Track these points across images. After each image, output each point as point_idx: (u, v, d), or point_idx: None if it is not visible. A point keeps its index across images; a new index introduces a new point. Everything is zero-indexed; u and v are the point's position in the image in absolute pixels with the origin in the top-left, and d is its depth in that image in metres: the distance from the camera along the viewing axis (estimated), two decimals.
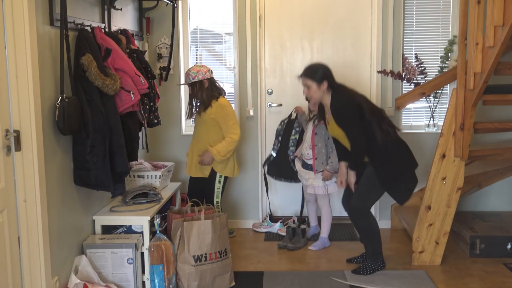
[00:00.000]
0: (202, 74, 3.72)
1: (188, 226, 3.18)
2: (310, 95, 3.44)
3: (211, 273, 3.21)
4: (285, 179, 4.20)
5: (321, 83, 3.37)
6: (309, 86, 3.41)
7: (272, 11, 4.47)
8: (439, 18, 4.36)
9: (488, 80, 3.16)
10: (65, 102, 2.60)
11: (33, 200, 2.50)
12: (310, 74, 3.42)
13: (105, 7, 3.31)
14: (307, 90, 3.43)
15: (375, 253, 3.56)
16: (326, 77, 3.39)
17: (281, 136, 4.17)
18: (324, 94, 3.42)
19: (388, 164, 3.39)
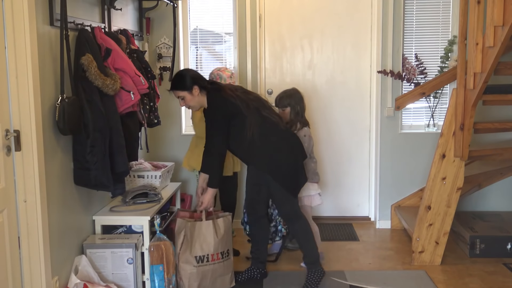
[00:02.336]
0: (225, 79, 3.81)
1: (192, 226, 3.19)
2: (187, 105, 3.24)
3: (212, 273, 3.22)
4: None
5: (192, 90, 3.18)
6: (182, 97, 3.22)
7: (272, 11, 4.47)
8: (439, 18, 4.36)
9: (488, 80, 3.16)
10: (65, 102, 2.60)
11: (33, 200, 2.50)
12: (178, 85, 3.23)
13: (105, 7, 3.31)
14: (183, 102, 3.24)
15: (314, 261, 3.37)
16: (195, 81, 3.20)
17: None
18: (201, 98, 3.23)
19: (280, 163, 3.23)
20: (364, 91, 4.55)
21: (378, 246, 4.10)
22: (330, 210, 4.68)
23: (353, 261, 3.79)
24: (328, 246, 4.05)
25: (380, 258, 3.85)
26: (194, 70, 3.31)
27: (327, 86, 4.55)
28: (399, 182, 4.48)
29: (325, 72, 4.55)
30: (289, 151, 3.25)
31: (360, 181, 4.66)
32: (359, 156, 4.63)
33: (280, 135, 3.23)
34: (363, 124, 4.59)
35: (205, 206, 3.26)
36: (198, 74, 3.29)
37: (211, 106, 3.22)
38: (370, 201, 4.66)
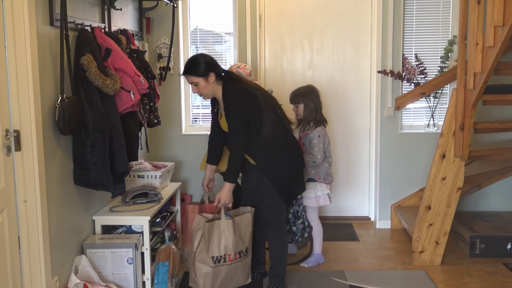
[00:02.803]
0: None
1: (210, 226, 3.05)
2: (200, 92, 3.05)
3: (228, 273, 3.10)
4: None
5: (208, 76, 3.01)
6: (196, 83, 3.02)
7: (272, 11, 4.47)
8: (439, 18, 4.36)
9: (488, 80, 3.16)
10: (65, 102, 2.60)
11: (33, 200, 2.50)
12: (193, 70, 3.03)
13: (105, 7, 3.31)
14: (196, 88, 3.05)
15: (279, 276, 3.29)
16: (211, 67, 3.02)
17: None
18: (215, 87, 3.06)
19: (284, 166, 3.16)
20: (364, 91, 4.55)
21: (378, 246, 4.10)
22: (330, 210, 4.68)
23: (353, 261, 3.79)
24: (328, 246, 4.05)
25: (380, 258, 3.85)
26: (210, 56, 3.10)
27: (327, 86, 4.55)
28: (399, 182, 4.48)
29: (325, 72, 4.55)
30: (291, 157, 3.20)
31: (360, 181, 4.67)
32: (359, 156, 4.63)
33: (287, 139, 3.19)
34: (363, 124, 4.59)
35: (223, 203, 3.08)
36: (215, 60, 3.10)
37: (233, 96, 3.04)
38: (370, 201, 4.66)
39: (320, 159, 3.51)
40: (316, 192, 3.58)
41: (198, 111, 4.68)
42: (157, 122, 3.62)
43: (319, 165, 3.55)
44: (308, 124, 3.55)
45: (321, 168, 3.57)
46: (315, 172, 3.57)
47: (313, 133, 3.52)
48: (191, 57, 3.15)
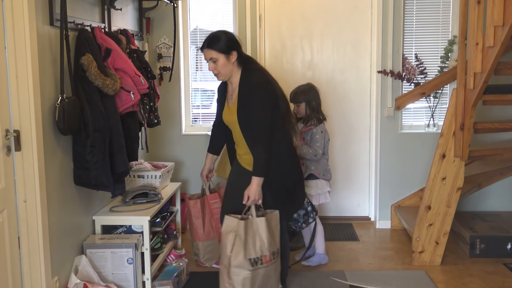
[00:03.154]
0: None
1: (245, 225, 2.78)
2: (218, 70, 2.80)
3: (264, 277, 2.84)
4: None
5: (230, 54, 2.77)
6: (215, 59, 2.77)
7: (272, 11, 4.47)
8: (439, 18, 4.36)
9: (488, 80, 3.16)
10: (65, 102, 2.60)
11: (33, 200, 2.50)
12: (215, 44, 2.79)
13: (105, 7, 3.31)
14: (214, 65, 2.79)
15: (282, 279, 3.11)
16: (235, 46, 2.81)
17: None
18: (234, 68, 2.83)
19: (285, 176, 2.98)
20: (364, 91, 4.55)
21: (378, 246, 4.10)
22: (330, 210, 4.68)
23: (353, 261, 3.79)
24: (328, 246, 4.05)
25: (380, 258, 3.85)
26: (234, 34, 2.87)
27: (327, 86, 4.55)
28: (399, 182, 4.48)
29: (325, 72, 4.55)
30: (294, 167, 3.07)
31: (360, 181, 4.66)
32: (359, 156, 4.63)
33: (290, 146, 3.02)
34: (363, 124, 4.59)
35: (253, 200, 2.81)
36: (240, 42, 2.87)
37: (259, 86, 2.79)
38: (370, 201, 4.66)
39: (320, 154, 3.52)
40: (317, 190, 3.57)
41: (198, 111, 4.68)
42: (157, 122, 3.62)
43: (318, 161, 3.56)
44: (311, 120, 3.56)
45: (321, 164, 3.58)
46: (315, 168, 3.56)
47: (316, 129, 3.53)
48: (215, 32, 2.89)
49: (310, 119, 3.56)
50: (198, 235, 3.54)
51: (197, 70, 4.61)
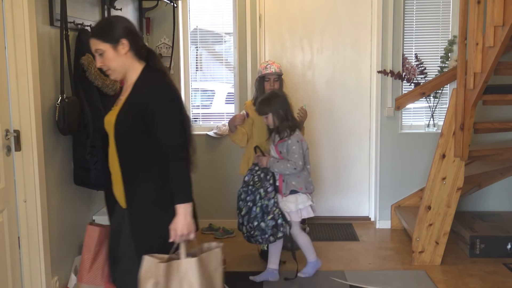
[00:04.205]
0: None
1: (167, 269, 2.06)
2: (106, 65, 2.15)
3: None
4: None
5: (118, 44, 2.11)
6: (101, 51, 2.12)
7: (272, 11, 4.47)
8: (439, 18, 4.36)
9: (488, 80, 3.16)
10: (65, 102, 2.60)
11: (33, 200, 2.50)
12: (100, 31, 2.14)
13: (105, 7, 3.31)
14: (100, 59, 2.14)
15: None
16: (125, 33, 2.13)
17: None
18: (128, 62, 2.16)
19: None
20: (364, 91, 4.55)
21: (378, 246, 4.10)
22: (330, 210, 4.68)
23: (353, 261, 3.79)
24: (328, 246, 4.05)
25: (380, 258, 3.85)
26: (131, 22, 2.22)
27: (327, 86, 4.55)
28: (399, 182, 4.48)
29: (325, 72, 4.55)
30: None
31: (360, 181, 4.66)
32: (359, 156, 4.63)
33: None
34: (363, 124, 4.59)
35: (181, 234, 2.10)
36: (134, 28, 2.20)
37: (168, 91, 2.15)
38: (370, 201, 4.66)
39: (301, 166, 3.23)
40: (298, 205, 3.29)
41: (198, 111, 4.68)
42: None
43: (299, 174, 3.29)
44: (284, 131, 3.27)
45: (301, 177, 3.30)
46: (296, 183, 3.28)
47: (291, 140, 3.25)
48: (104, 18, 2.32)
49: (283, 130, 3.27)
50: (81, 273, 2.64)
51: (197, 70, 4.61)
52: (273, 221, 3.26)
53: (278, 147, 3.30)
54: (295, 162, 3.21)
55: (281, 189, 3.28)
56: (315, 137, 4.52)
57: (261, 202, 3.28)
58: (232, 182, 4.47)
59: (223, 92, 4.66)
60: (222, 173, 4.48)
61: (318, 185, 4.23)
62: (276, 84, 3.55)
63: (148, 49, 2.23)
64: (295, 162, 3.21)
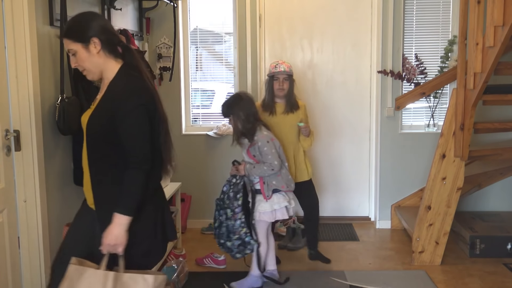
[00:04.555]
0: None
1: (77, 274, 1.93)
2: (80, 66, 2.05)
3: None
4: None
5: (89, 43, 2.00)
6: (73, 51, 2.02)
7: (272, 11, 4.47)
8: (439, 18, 4.36)
9: (488, 80, 3.16)
10: (65, 102, 2.60)
11: (33, 200, 2.50)
12: (70, 31, 2.04)
13: (105, 7, 3.31)
14: (74, 59, 2.05)
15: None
16: (96, 32, 2.01)
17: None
18: (101, 61, 2.05)
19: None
20: (364, 91, 4.55)
21: (378, 246, 4.10)
22: (330, 210, 4.68)
23: (353, 261, 3.79)
24: (328, 246, 4.05)
25: (380, 258, 3.85)
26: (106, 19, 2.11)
27: (327, 86, 4.55)
28: (399, 182, 4.48)
29: (325, 72, 4.55)
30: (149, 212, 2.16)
31: (360, 181, 4.66)
32: (359, 156, 4.63)
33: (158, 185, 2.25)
34: (363, 124, 4.59)
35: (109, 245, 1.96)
36: (107, 26, 2.09)
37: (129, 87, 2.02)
38: (370, 201, 4.66)
39: (278, 165, 3.15)
40: (273, 205, 3.21)
41: (198, 111, 4.68)
42: None
43: (279, 173, 3.21)
44: (250, 134, 3.20)
45: (281, 176, 3.22)
46: (277, 182, 3.21)
47: (261, 142, 3.16)
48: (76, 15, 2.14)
49: (248, 134, 3.20)
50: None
51: (197, 70, 4.61)
52: (239, 240, 3.21)
53: (251, 151, 3.23)
54: (271, 163, 3.15)
55: (264, 192, 3.20)
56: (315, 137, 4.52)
57: (227, 222, 3.21)
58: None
59: (223, 92, 4.66)
60: (222, 173, 4.48)
61: (318, 185, 4.23)
62: (285, 83, 3.45)
63: (125, 46, 2.12)
64: (271, 163, 3.15)
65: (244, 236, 3.20)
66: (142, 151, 2.00)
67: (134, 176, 1.98)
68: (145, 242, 2.07)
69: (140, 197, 1.98)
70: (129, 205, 1.97)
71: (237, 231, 3.19)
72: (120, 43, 2.10)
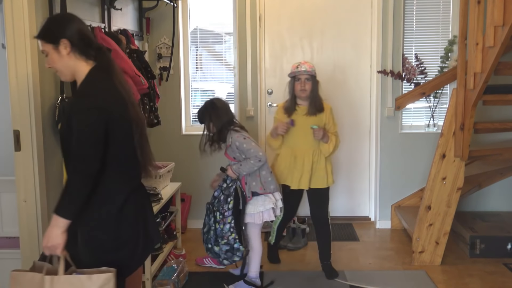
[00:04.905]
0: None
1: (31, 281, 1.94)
2: (51, 65, 2.04)
3: None
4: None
5: (58, 44, 1.98)
6: (46, 52, 2.02)
7: (272, 11, 4.47)
8: (439, 18, 4.36)
9: (488, 80, 3.16)
10: (65, 102, 2.60)
11: (33, 200, 2.50)
12: (41, 32, 2.03)
13: (105, 7, 3.31)
14: (47, 61, 2.05)
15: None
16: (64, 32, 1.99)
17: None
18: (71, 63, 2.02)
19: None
20: (364, 91, 4.55)
21: (378, 246, 4.10)
22: (330, 210, 4.66)
23: (353, 261, 3.79)
24: None
25: (380, 258, 3.85)
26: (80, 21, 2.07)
27: (327, 86, 4.52)
28: (399, 182, 4.48)
29: (325, 72, 4.55)
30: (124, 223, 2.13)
31: (360, 181, 4.66)
32: (359, 156, 4.63)
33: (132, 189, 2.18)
34: (363, 124, 4.59)
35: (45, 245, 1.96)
36: (78, 26, 2.04)
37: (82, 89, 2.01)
38: (370, 201, 4.66)
39: (263, 155, 3.09)
40: (258, 207, 3.16)
41: None
42: (157, 122, 3.62)
43: (258, 173, 3.15)
44: (222, 139, 3.18)
45: (261, 176, 3.16)
46: (256, 183, 3.15)
47: (237, 142, 3.12)
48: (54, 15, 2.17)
49: (221, 139, 3.18)
50: None
51: (197, 70, 4.61)
52: (227, 245, 3.14)
53: (229, 154, 3.20)
54: (255, 156, 3.07)
55: (246, 192, 3.16)
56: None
57: (215, 225, 3.15)
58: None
59: (223, 92, 4.66)
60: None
61: None
62: (307, 84, 3.30)
63: (98, 48, 2.08)
64: (255, 156, 3.07)
65: (233, 242, 3.12)
66: (84, 154, 1.93)
67: (73, 179, 1.94)
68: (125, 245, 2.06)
69: (80, 201, 1.94)
70: (66, 208, 1.94)
71: (225, 235, 3.12)
72: (92, 45, 2.06)
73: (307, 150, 3.35)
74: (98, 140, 1.94)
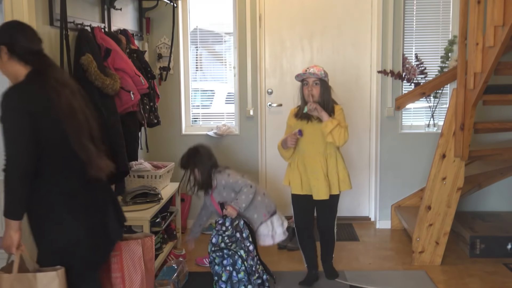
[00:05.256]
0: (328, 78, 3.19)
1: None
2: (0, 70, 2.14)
3: None
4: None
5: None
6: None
7: (272, 11, 4.47)
8: (439, 18, 4.36)
9: (488, 80, 3.16)
10: None
11: None
12: None
13: (105, 7, 3.31)
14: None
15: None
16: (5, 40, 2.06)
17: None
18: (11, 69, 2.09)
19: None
20: (364, 91, 4.55)
21: (378, 246, 4.10)
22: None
23: (353, 261, 3.79)
24: None
25: (380, 258, 3.85)
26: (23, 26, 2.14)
27: None
28: (399, 182, 4.48)
29: None
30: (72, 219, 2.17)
31: (360, 181, 4.66)
32: (359, 156, 4.63)
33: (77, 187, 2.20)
34: (363, 124, 4.59)
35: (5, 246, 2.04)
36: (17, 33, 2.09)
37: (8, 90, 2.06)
38: (370, 201, 4.66)
39: (251, 184, 3.07)
40: (268, 231, 3.16)
41: (198, 111, 4.68)
42: (157, 122, 3.62)
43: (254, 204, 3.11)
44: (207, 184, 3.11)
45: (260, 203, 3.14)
46: (258, 215, 3.13)
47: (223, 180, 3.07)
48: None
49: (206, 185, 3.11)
50: None
51: (197, 70, 4.62)
52: (259, 279, 3.08)
53: (216, 198, 3.12)
54: (245, 184, 3.05)
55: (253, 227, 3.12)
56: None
57: (245, 264, 3.00)
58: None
59: (223, 92, 4.66)
60: None
61: None
62: (315, 88, 3.14)
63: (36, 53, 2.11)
64: (245, 184, 3.05)
65: (262, 274, 3.09)
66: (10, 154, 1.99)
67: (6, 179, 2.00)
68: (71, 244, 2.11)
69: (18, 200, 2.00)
70: (9, 208, 2.01)
71: (256, 270, 3.04)
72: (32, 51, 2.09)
73: (316, 157, 3.19)
74: (24, 139, 2.00)
